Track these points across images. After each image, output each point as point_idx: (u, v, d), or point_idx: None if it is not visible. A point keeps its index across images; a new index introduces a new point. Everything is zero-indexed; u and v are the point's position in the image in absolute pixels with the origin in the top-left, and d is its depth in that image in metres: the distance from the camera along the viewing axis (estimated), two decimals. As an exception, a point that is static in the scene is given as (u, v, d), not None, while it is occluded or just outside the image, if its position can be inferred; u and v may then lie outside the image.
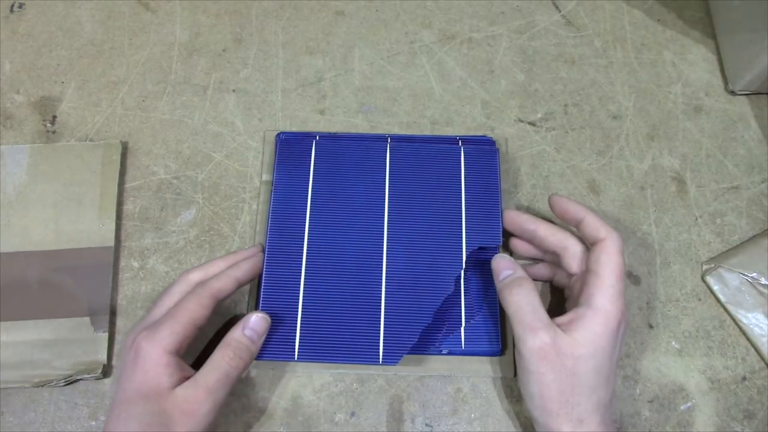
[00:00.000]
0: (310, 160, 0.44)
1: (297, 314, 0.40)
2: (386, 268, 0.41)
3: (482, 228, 0.42)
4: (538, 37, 0.51)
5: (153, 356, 0.34)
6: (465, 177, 0.44)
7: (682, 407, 0.41)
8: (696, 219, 0.45)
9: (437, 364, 0.41)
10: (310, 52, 0.50)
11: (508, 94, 0.49)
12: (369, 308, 0.40)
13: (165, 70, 0.50)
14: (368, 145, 0.45)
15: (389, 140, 0.45)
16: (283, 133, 0.46)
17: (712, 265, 0.44)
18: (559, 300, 0.42)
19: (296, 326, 0.40)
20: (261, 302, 0.40)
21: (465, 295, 0.42)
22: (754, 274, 0.43)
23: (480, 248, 0.42)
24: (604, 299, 0.35)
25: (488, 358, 0.41)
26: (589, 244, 0.38)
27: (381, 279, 0.41)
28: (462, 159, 0.44)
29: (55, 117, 0.48)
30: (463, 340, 0.41)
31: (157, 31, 0.51)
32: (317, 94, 0.49)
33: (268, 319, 0.38)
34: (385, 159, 0.44)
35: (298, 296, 0.41)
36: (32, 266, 0.42)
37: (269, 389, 0.41)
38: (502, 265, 0.39)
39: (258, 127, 0.48)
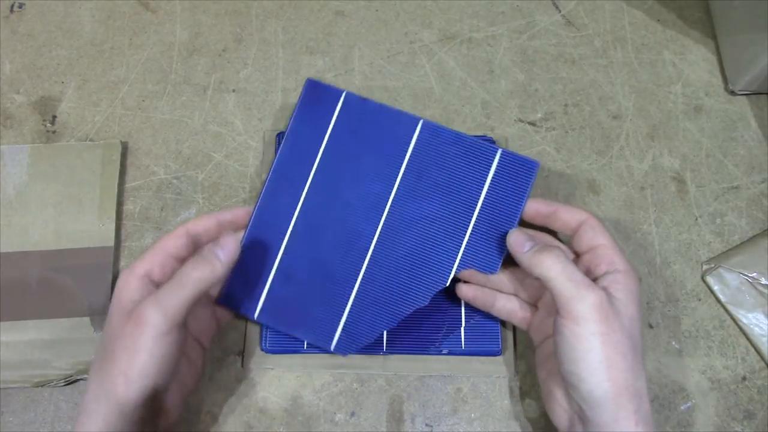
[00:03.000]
0: (332, 115, 0.41)
1: (270, 273, 0.39)
2: (372, 254, 0.39)
3: (484, 248, 0.39)
4: (538, 37, 0.51)
5: (125, 279, 0.35)
6: (488, 187, 0.40)
7: (682, 407, 0.41)
8: (696, 219, 0.45)
9: (437, 364, 0.41)
10: (310, 52, 0.50)
11: (508, 94, 0.49)
12: (340, 289, 0.39)
13: (165, 70, 0.50)
14: (397, 119, 0.41)
15: (421, 121, 0.40)
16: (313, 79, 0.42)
17: (712, 265, 0.44)
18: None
19: (266, 285, 0.39)
20: (242, 247, 0.39)
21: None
22: (754, 274, 0.43)
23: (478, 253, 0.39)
24: (624, 261, 0.35)
25: (488, 358, 0.41)
26: (568, 231, 0.38)
27: (362, 264, 0.39)
28: (493, 166, 0.40)
29: (55, 117, 0.48)
30: (463, 340, 0.41)
31: (157, 31, 0.51)
32: (317, 94, 0.49)
33: (239, 243, 0.36)
34: (411, 138, 0.40)
35: (278, 254, 0.40)
36: (32, 266, 0.42)
37: (269, 389, 0.41)
38: (522, 238, 0.36)
39: (258, 127, 0.48)
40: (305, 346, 0.41)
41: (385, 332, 0.41)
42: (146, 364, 0.32)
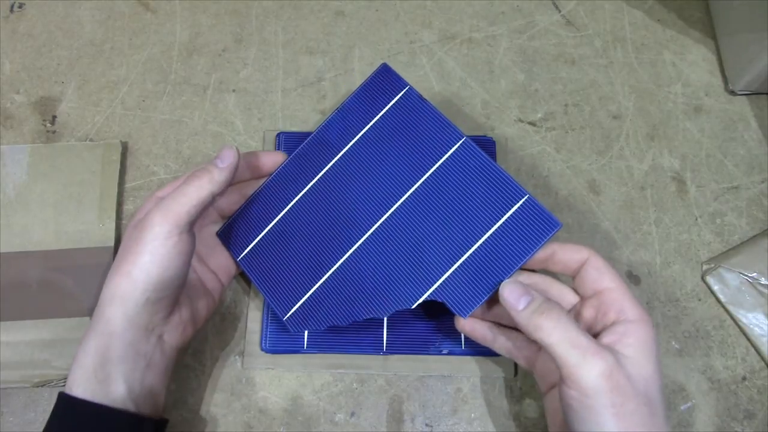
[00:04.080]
0: (388, 104, 0.40)
1: (266, 227, 0.40)
2: (357, 248, 0.38)
3: (464, 288, 0.36)
4: (538, 37, 0.51)
5: (145, 202, 0.38)
6: (498, 228, 0.36)
7: (682, 407, 0.41)
8: (696, 219, 0.45)
9: (437, 364, 0.41)
10: (310, 52, 0.50)
11: (508, 94, 0.49)
12: (316, 268, 0.39)
13: (165, 70, 0.50)
14: (442, 128, 0.38)
15: (463, 140, 0.38)
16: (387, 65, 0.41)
17: (712, 265, 0.44)
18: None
19: (258, 236, 0.40)
20: (255, 193, 0.41)
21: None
22: (754, 274, 0.43)
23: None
24: (636, 308, 0.32)
25: (488, 358, 0.41)
26: (569, 272, 0.35)
27: (345, 254, 0.39)
28: (513, 209, 0.36)
29: (55, 117, 0.48)
30: (463, 340, 0.41)
31: (157, 31, 0.51)
32: (317, 94, 0.49)
33: (237, 152, 0.37)
34: (446, 152, 0.38)
35: (280, 212, 0.40)
36: (32, 266, 0.42)
37: (269, 389, 0.41)
38: (517, 292, 0.33)
39: (258, 127, 0.48)
40: (305, 345, 0.41)
41: (385, 332, 0.41)
42: (147, 264, 0.33)
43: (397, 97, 0.40)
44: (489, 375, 0.41)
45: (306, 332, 0.41)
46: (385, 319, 0.42)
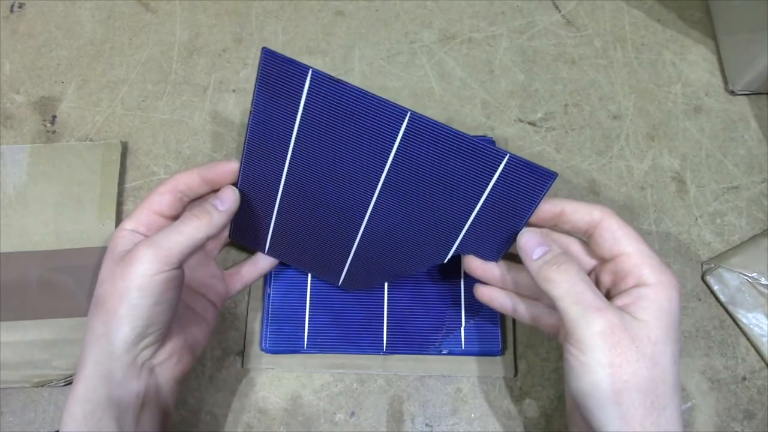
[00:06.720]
0: (301, 97, 0.34)
1: (273, 212, 0.38)
2: (367, 220, 0.37)
3: (486, 239, 0.36)
4: (538, 37, 0.51)
5: (116, 234, 0.35)
6: (487, 197, 0.34)
7: (682, 407, 0.41)
8: (696, 219, 0.45)
9: (437, 364, 0.41)
10: (310, 52, 0.50)
11: (508, 94, 0.49)
12: (342, 239, 0.39)
13: (165, 70, 0.50)
14: (380, 108, 0.33)
15: (408, 114, 0.33)
16: (269, 50, 0.33)
17: (712, 265, 0.44)
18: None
19: (271, 223, 0.39)
20: (240, 179, 0.37)
21: (465, 296, 0.42)
22: (754, 274, 0.43)
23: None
24: (656, 272, 0.30)
25: (488, 358, 0.41)
26: (582, 234, 0.34)
27: (359, 226, 0.38)
28: (497, 173, 0.33)
29: (55, 117, 0.48)
30: (463, 340, 0.41)
31: (157, 31, 0.51)
32: (317, 94, 0.49)
33: (237, 194, 0.36)
34: (397, 133, 0.33)
35: (272, 213, 0.38)
36: (32, 266, 0.42)
37: (269, 389, 0.41)
38: (534, 241, 0.32)
39: (258, 127, 0.48)
40: (305, 345, 0.41)
41: (385, 332, 0.41)
42: (136, 301, 0.31)
43: (307, 86, 0.33)
44: (489, 375, 0.41)
45: (306, 332, 0.41)
46: (385, 319, 0.42)
